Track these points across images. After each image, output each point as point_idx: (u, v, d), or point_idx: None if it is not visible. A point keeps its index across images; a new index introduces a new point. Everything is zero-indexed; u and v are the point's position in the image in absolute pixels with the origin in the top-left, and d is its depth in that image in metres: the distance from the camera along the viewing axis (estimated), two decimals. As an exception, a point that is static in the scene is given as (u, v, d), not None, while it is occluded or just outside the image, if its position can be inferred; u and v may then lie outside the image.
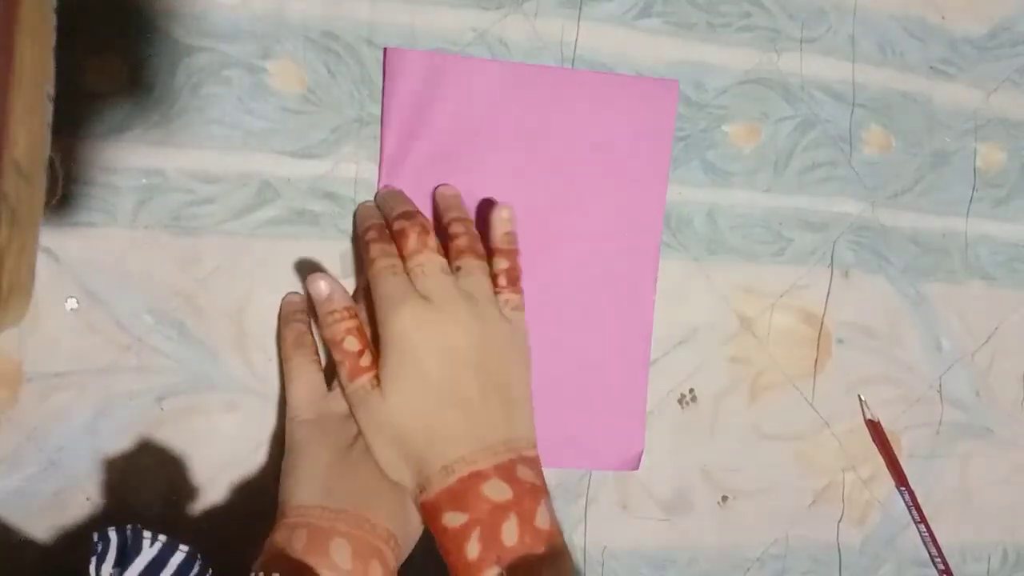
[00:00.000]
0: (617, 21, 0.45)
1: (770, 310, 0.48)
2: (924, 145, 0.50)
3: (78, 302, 0.39)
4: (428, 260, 0.37)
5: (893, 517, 0.50)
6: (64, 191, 0.38)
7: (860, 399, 0.49)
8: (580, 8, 0.44)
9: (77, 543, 0.39)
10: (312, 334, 0.41)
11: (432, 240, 0.38)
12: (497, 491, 0.35)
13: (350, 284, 0.42)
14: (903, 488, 0.49)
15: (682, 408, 0.47)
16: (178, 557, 0.34)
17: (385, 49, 0.42)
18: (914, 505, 0.49)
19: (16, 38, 0.27)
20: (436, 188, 0.42)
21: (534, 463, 0.37)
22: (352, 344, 0.37)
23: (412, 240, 0.38)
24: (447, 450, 0.36)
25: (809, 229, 0.48)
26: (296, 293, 0.41)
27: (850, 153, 0.49)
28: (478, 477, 0.35)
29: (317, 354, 0.41)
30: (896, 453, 0.50)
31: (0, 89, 0.26)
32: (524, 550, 0.34)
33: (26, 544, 0.38)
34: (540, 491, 0.36)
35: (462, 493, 0.35)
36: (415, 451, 0.36)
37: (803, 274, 0.48)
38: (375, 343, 0.38)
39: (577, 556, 0.45)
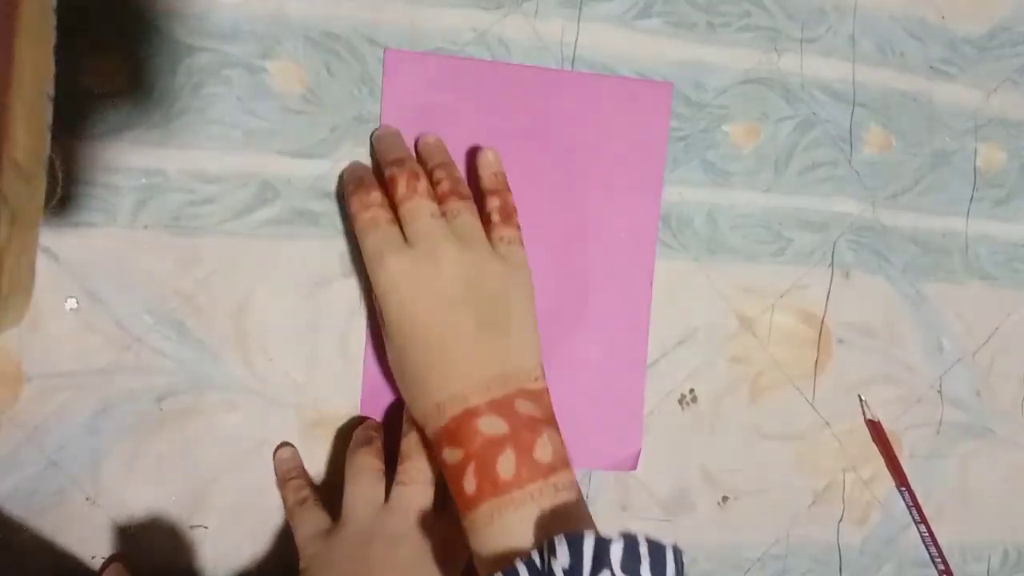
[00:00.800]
0: (617, 21, 0.45)
1: (770, 310, 0.48)
2: (924, 145, 0.50)
3: (78, 302, 0.39)
4: (417, 205, 0.38)
5: (893, 517, 0.50)
6: (64, 191, 0.38)
7: (860, 399, 0.49)
8: (580, 8, 0.44)
9: (77, 543, 0.39)
10: (311, 487, 0.41)
11: (422, 184, 0.38)
12: (492, 426, 0.35)
13: (351, 284, 0.42)
14: (903, 488, 0.49)
15: (682, 408, 0.47)
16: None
17: (385, 50, 0.42)
18: (914, 505, 0.49)
19: (16, 38, 0.27)
20: (418, 138, 0.42)
21: (538, 396, 0.37)
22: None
23: (402, 186, 0.38)
24: (440, 389, 0.36)
25: (809, 229, 0.48)
26: (288, 447, 0.41)
27: (850, 153, 0.49)
28: (471, 414, 0.35)
29: (318, 499, 0.40)
30: (896, 453, 0.50)
31: (0, 89, 0.26)
32: (520, 483, 0.34)
33: (26, 544, 0.38)
34: (541, 424, 0.36)
35: (456, 430, 0.35)
36: (415, 394, 0.37)
37: (803, 274, 0.48)
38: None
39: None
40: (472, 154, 0.43)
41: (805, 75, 0.48)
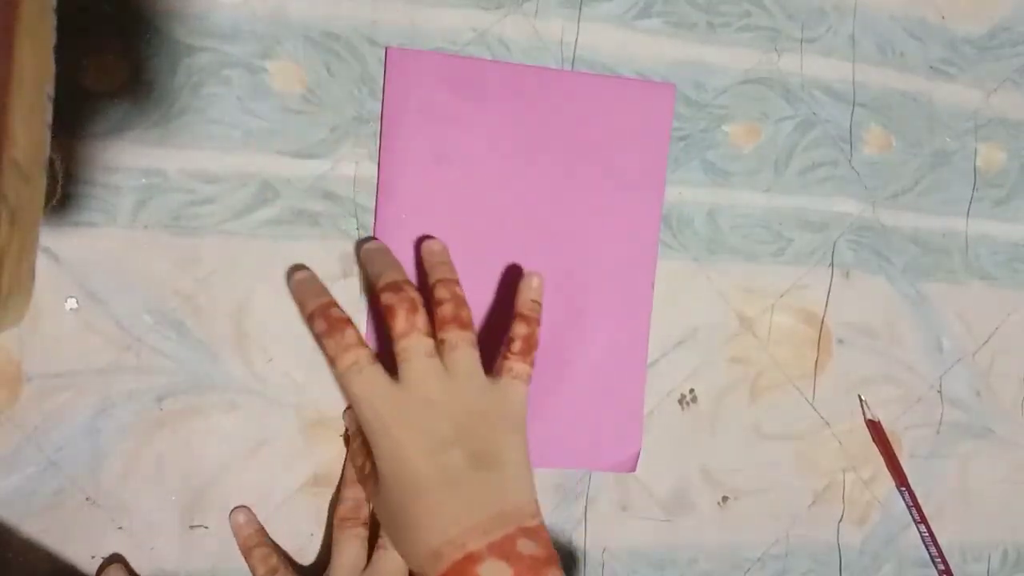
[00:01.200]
0: (617, 21, 0.45)
1: (770, 310, 0.48)
2: (924, 145, 0.50)
3: (78, 302, 0.39)
4: (415, 344, 0.37)
5: (893, 517, 0.50)
6: (64, 191, 0.38)
7: (860, 399, 0.49)
8: (580, 8, 0.44)
9: (77, 543, 0.39)
10: (278, 553, 0.41)
11: (420, 319, 0.37)
12: (495, 572, 0.34)
13: (351, 284, 0.42)
14: (903, 488, 0.49)
15: (682, 408, 0.47)
16: None
17: (387, 48, 0.42)
18: (914, 505, 0.49)
19: (16, 38, 0.27)
20: (422, 241, 0.42)
21: (536, 532, 0.36)
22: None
23: (400, 321, 0.37)
24: (434, 533, 0.35)
25: (809, 229, 0.48)
26: (242, 510, 0.41)
27: (850, 153, 0.49)
28: (471, 560, 0.34)
29: (288, 565, 0.40)
30: (896, 453, 0.50)
31: (0, 89, 0.26)
32: None
33: (26, 544, 0.38)
34: (544, 565, 0.35)
35: None
36: (410, 540, 0.36)
37: (803, 274, 0.48)
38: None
39: (577, 556, 0.45)
40: (516, 272, 0.43)
41: (805, 75, 0.48)
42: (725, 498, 0.48)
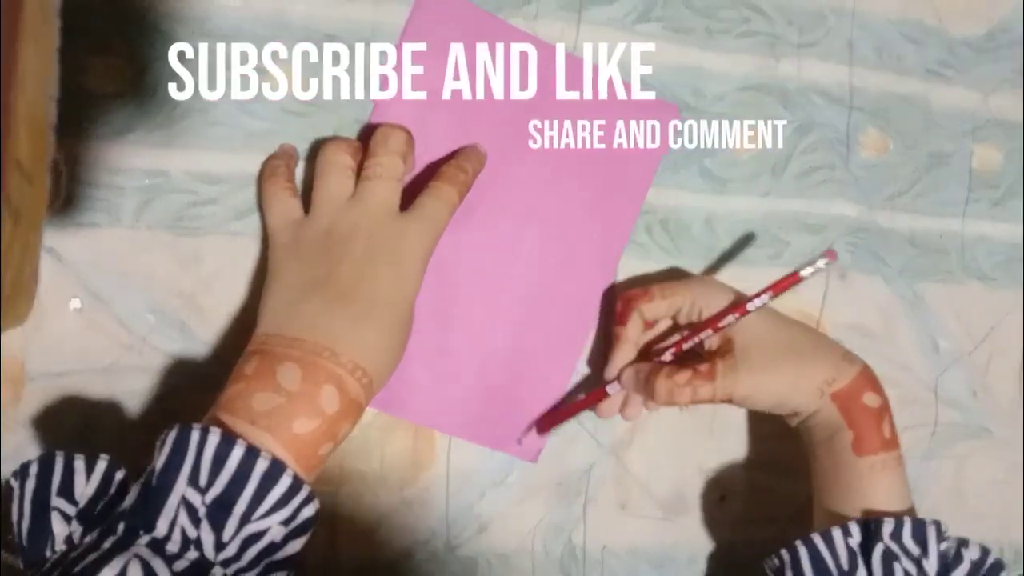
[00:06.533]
0: (617, 25, 0.45)
1: (768, 311, 0.48)
2: (921, 147, 0.51)
3: (81, 302, 0.39)
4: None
5: (890, 517, 0.50)
6: (67, 192, 0.38)
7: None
8: (580, 12, 0.45)
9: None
10: (289, 168, 0.40)
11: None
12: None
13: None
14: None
15: (681, 408, 0.47)
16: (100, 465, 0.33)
17: None
18: None
19: (20, 41, 0.27)
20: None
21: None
22: None
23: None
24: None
25: (807, 231, 0.48)
26: (291, 146, 0.41)
27: (847, 156, 0.49)
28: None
29: (291, 182, 0.40)
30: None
31: (3, 91, 0.27)
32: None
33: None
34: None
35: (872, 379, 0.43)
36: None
37: (801, 275, 0.48)
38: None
39: (577, 555, 0.46)
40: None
41: (803, 79, 0.48)
42: (723, 497, 0.48)
